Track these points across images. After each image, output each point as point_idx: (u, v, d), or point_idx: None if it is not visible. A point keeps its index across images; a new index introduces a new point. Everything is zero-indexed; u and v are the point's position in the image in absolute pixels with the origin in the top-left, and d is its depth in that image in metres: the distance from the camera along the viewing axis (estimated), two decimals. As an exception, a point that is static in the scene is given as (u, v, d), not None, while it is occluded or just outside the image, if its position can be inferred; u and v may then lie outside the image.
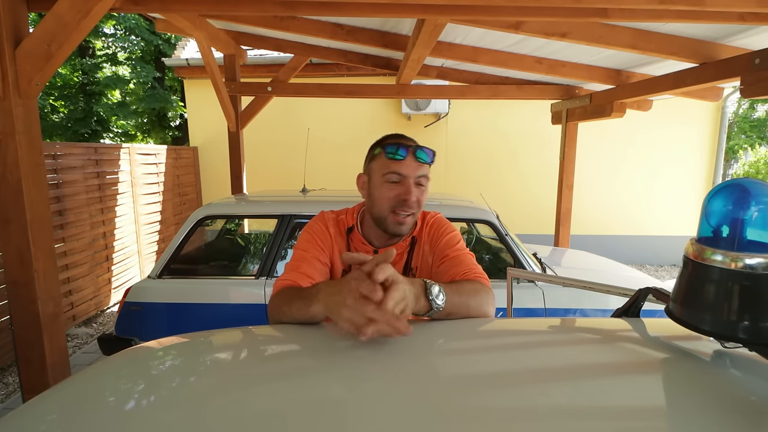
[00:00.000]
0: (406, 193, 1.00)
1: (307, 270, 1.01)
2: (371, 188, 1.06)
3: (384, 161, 1.02)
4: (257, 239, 3.76)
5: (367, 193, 1.08)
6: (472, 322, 0.81)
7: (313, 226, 1.12)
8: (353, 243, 1.10)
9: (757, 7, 1.82)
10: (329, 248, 1.09)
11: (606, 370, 0.58)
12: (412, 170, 1.01)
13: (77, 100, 9.42)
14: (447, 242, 1.07)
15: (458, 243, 1.08)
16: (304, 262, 1.03)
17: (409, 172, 1.01)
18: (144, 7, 2.38)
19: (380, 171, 1.03)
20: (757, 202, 0.52)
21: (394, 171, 1.01)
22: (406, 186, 1.01)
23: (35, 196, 1.97)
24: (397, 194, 1.01)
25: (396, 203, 1.01)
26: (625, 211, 6.26)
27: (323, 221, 1.12)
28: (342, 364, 0.61)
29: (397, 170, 1.00)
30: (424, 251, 1.10)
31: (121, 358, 0.65)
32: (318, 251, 1.06)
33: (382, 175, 1.02)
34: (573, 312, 2.53)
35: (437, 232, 1.10)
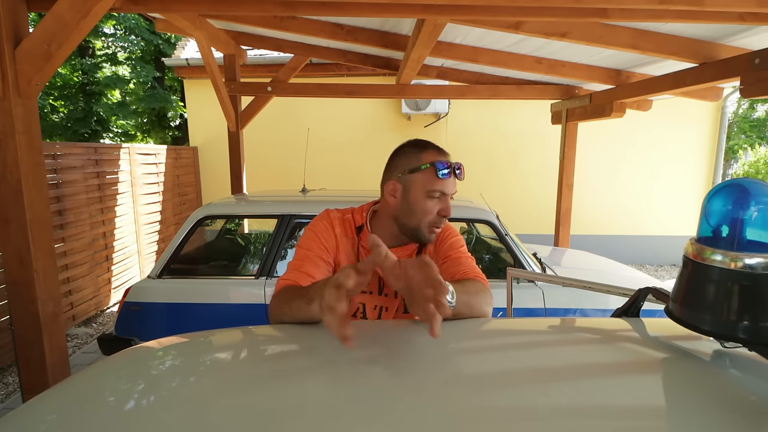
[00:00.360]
0: (445, 210, 1.05)
1: (309, 269, 1.00)
2: (410, 199, 1.06)
3: (433, 178, 1.04)
4: (257, 239, 3.76)
5: (400, 201, 1.07)
6: (472, 322, 0.81)
7: (317, 224, 1.11)
8: (363, 241, 1.10)
9: (756, 7, 1.82)
10: (333, 248, 1.08)
11: (606, 370, 0.58)
12: (452, 187, 1.06)
13: (77, 100, 9.42)
14: (451, 245, 1.11)
15: (461, 246, 1.12)
16: (307, 261, 1.02)
17: (450, 189, 1.06)
18: (144, 7, 2.38)
19: (425, 186, 1.04)
20: (757, 202, 0.52)
21: (440, 189, 1.04)
22: (446, 203, 1.06)
23: (35, 196, 1.96)
24: (440, 210, 1.05)
25: (436, 218, 1.06)
26: (625, 211, 6.26)
27: (328, 220, 1.11)
28: (342, 364, 0.61)
29: (443, 189, 1.04)
30: (429, 252, 1.13)
31: (121, 358, 0.65)
32: (321, 250, 1.05)
33: (427, 190, 1.04)
34: (573, 312, 2.54)
35: (442, 234, 1.13)
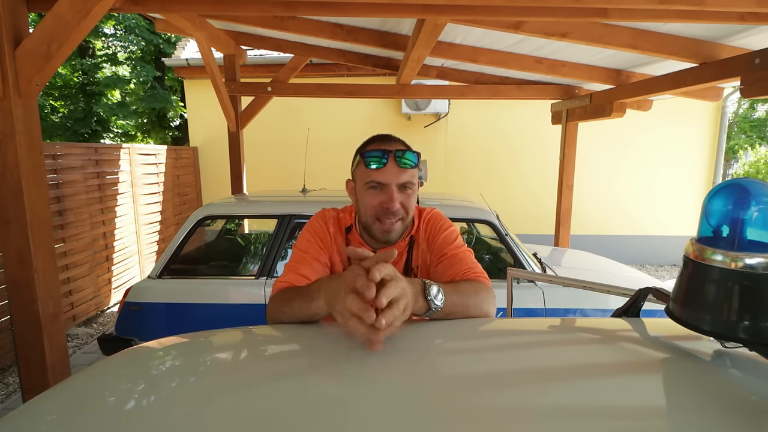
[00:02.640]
0: (388, 201, 0.96)
1: (305, 272, 0.98)
2: (357, 195, 1.03)
3: (364, 169, 0.97)
4: (257, 239, 3.76)
5: (354, 199, 1.05)
6: (472, 322, 0.81)
7: (313, 224, 1.09)
8: (352, 243, 1.07)
9: (756, 6, 1.82)
10: (329, 247, 1.06)
11: (606, 370, 0.58)
12: (394, 177, 0.96)
13: (77, 100, 9.42)
14: (444, 239, 1.04)
15: (456, 240, 1.05)
16: (303, 264, 1.00)
17: (390, 179, 0.96)
18: (144, 7, 2.38)
19: (362, 179, 0.99)
20: (757, 202, 0.52)
21: (374, 179, 0.96)
22: (388, 193, 0.96)
23: (35, 196, 1.97)
24: (380, 202, 0.97)
25: (379, 211, 0.97)
26: (625, 211, 6.26)
27: (323, 219, 1.10)
28: (342, 363, 0.61)
29: (378, 179, 0.96)
30: (423, 249, 1.07)
31: (121, 358, 0.65)
32: (317, 251, 1.03)
33: (364, 183, 0.99)
34: (573, 312, 2.54)
35: (434, 228, 1.07)
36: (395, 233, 1.00)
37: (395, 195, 0.96)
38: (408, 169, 0.97)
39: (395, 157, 0.95)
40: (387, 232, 0.99)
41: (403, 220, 1.00)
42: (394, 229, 0.99)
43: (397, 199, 0.97)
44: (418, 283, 0.77)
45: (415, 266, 1.07)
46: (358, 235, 1.07)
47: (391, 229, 0.99)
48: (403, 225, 1.01)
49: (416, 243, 1.07)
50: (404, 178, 0.97)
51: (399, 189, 0.97)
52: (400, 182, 0.97)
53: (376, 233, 1.00)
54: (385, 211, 0.97)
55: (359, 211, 1.04)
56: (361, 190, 1.00)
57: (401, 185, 0.97)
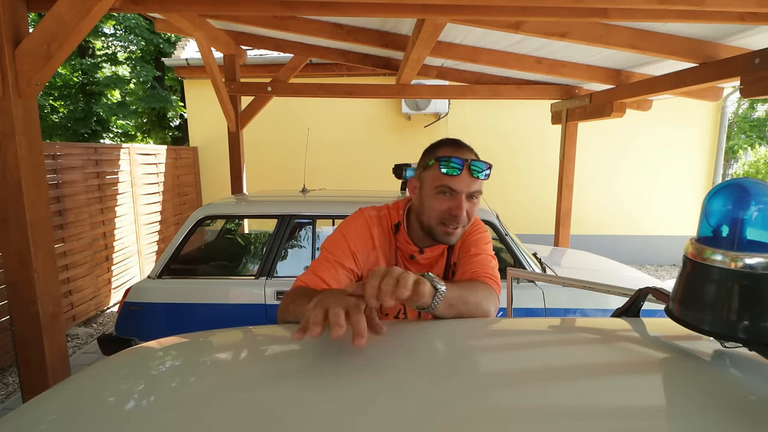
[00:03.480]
0: (456, 209, 0.98)
1: (324, 275, 0.98)
2: (422, 196, 1.04)
3: (437, 173, 0.98)
4: (257, 239, 3.76)
5: (418, 199, 1.06)
6: (472, 322, 0.81)
7: (349, 225, 1.08)
8: (399, 242, 1.09)
9: (756, 6, 1.82)
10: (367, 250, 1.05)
11: (606, 370, 0.58)
12: (466, 185, 0.98)
13: (77, 100, 9.42)
14: (474, 241, 1.08)
15: (485, 244, 1.09)
16: (324, 266, 1.00)
17: (462, 187, 0.98)
18: (143, 7, 2.38)
19: (432, 182, 1.00)
20: (757, 202, 0.52)
21: (447, 185, 0.98)
22: (457, 201, 0.98)
23: (35, 196, 1.96)
24: (448, 208, 0.99)
25: (446, 216, 0.99)
26: (625, 211, 6.26)
27: (363, 220, 1.08)
28: (342, 364, 0.61)
29: (450, 185, 0.98)
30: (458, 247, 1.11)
31: (121, 358, 0.65)
32: (344, 255, 1.02)
33: (433, 187, 1.00)
34: (573, 312, 2.54)
35: (471, 229, 1.10)
36: (455, 237, 1.03)
37: (464, 203, 0.99)
38: (479, 180, 1.00)
39: (470, 166, 0.97)
40: (449, 235, 1.02)
41: (464, 227, 1.03)
42: (455, 234, 1.02)
43: (465, 207, 0.99)
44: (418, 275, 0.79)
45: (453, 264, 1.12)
46: (405, 233, 1.09)
47: (453, 233, 1.01)
48: (462, 231, 1.04)
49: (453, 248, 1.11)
50: (474, 188, 0.99)
51: (467, 197, 0.99)
52: (470, 191, 0.99)
53: (437, 235, 1.02)
54: (451, 218, 0.99)
55: (422, 212, 1.04)
56: (429, 193, 1.02)
57: (470, 194, 1.00)
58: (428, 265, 1.10)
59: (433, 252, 1.08)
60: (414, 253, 1.07)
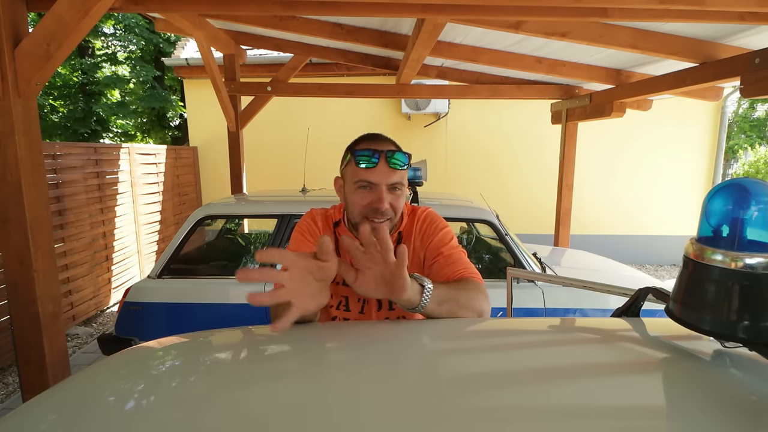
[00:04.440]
0: (377, 201, 0.96)
1: None
2: (345, 193, 1.04)
3: (355, 168, 0.97)
4: (257, 239, 3.76)
5: (343, 197, 1.06)
6: (471, 322, 0.81)
7: (301, 223, 1.12)
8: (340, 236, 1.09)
9: (756, 6, 1.82)
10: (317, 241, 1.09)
11: (606, 370, 0.58)
12: (384, 177, 0.96)
13: (77, 100, 9.42)
14: (440, 239, 1.05)
15: (451, 240, 1.06)
16: None
17: (380, 179, 0.96)
18: (143, 7, 2.38)
19: (352, 177, 0.99)
20: (757, 202, 0.52)
21: (364, 179, 0.97)
22: (378, 193, 0.97)
23: (35, 196, 1.96)
24: (370, 201, 0.97)
25: (368, 210, 0.98)
26: (625, 210, 6.26)
27: (311, 217, 1.13)
28: (342, 364, 0.61)
29: (368, 178, 0.96)
30: (415, 246, 1.08)
31: (121, 358, 0.65)
32: (307, 246, 1.06)
33: (354, 182, 0.99)
34: (573, 312, 2.54)
35: (429, 227, 1.08)
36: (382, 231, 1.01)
37: (384, 195, 0.97)
38: (398, 170, 0.97)
39: (386, 157, 0.95)
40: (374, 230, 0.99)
41: (391, 220, 1.01)
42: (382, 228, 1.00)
43: (387, 199, 0.97)
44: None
45: None
46: (346, 229, 1.09)
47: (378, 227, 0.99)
48: (391, 225, 1.02)
49: (406, 240, 1.09)
50: (394, 179, 0.97)
51: (388, 189, 0.98)
52: (390, 182, 0.97)
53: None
54: (374, 211, 0.98)
55: (347, 209, 1.05)
56: (350, 189, 1.01)
57: (391, 186, 0.98)
58: None
59: None
60: None
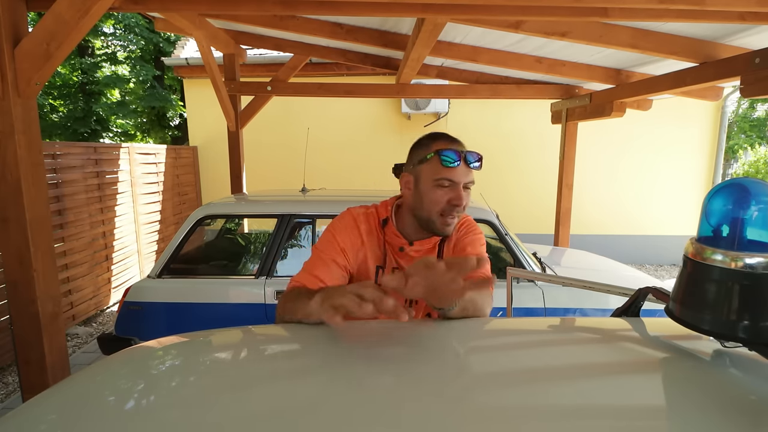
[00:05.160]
0: (457, 199, 1.03)
1: (320, 273, 1.02)
2: (421, 190, 1.06)
3: (437, 167, 1.03)
4: (257, 239, 3.76)
5: (413, 193, 1.09)
6: (471, 322, 0.81)
7: (337, 224, 1.12)
8: (387, 236, 1.12)
9: (756, 6, 1.82)
10: (356, 246, 1.09)
11: (606, 370, 0.58)
12: (463, 176, 1.03)
13: (76, 100, 9.41)
14: (471, 241, 1.12)
15: (480, 246, 1.13)
16: (318, 265, 1.04)
17: (460, 178, 1.03)
18: (143, 7, 2.38)
19: (432, 175, 1.04)
20: (757, 202, 0.52)
21: (447, 177, 1.03)
22: (457, 191, 1.03)
23: (34, 196, 1.96)
24: (449, 199, 1.03)
25: (447, 207, 1.04)
26: (625, 210, 6.26)
27: (351, 217, 1.13)
28: (343, 363, 0.61)
29: (450, 177, 1.02)
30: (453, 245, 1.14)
31: (121, 357, 0.65)
32: (336, 253, 1.06)
33: (434, 180, 1.04)
34: (573, 311, 2.54)
35: (466, 230, 1.15)
36: (452, 227, 1.08)
37: (462, 193, 1.04)
38: (473, 170, 1.06)
39: (465, 158, 1.03)
40: (448, 226, 1.06)
41: (459, 217, 1.08)
42: (453, 224, 1.07)
43: (464, 197, 1.04)
44: None
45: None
46: (394, 227, 1.12)
47: (452, 223, 1.07)
48: (458, 221, 1.09)
49: (448, 239, 1.13)
50: (470, 178, 1.05)
51: (464, 188, 1.05)
52: (466, 181, 1.04)
53: (437, 226, 1.06)
54: (452, 208, 1.04)
55: (420, 205, 1.07)
56: (428, 186, 1.05)
57: (465, 185, 1.05)
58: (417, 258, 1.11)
59: (423, 245, 1.11)
60: (404, 246, 1.10)
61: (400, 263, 1.11)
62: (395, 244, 1.11)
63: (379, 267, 1.09)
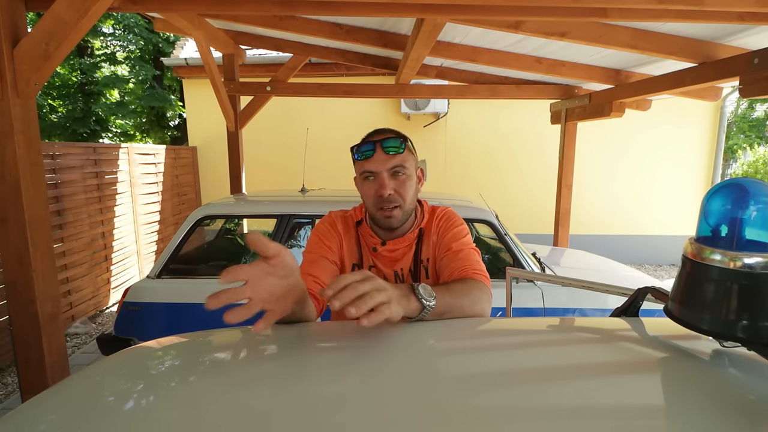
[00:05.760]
0: (381, 188, 1.01)
1: (312, 271, 1.02)
2: (359, 189, 1.09)
3: (357, 162, 1.05)
4: (256, 239, 3.75)
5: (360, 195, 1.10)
6: (470, 322, 0.81)
7: (319, 227, 1.14)
8: (363, 236, 1.12)
9: (755, 6, 1.82)
10: (337, 245, 1.11)
11: (605, 370, 0.58)
12: (382, 164, 1.01)
13: (76, 100, 9.41)
14: (453, 235, 1.08)
15: (464, 237, 1.08)
16: (311, 265, 1.05)
17: (378, 167, 1.01)
18: (143, 7, 2.38)
19: (358, 172, 1.07)
20: (756, 202, 0.52)
21: (366, 170, 1.03)
22: (379, 181, 1.02)
23: (34, 196, 1.96)
24: (375, 190, 1.02)
25: (377, 200, 1.03)
26: (624, 210, 6.27)
27: (330, 220, 1.15)
28: (342, 363, 0.61)
29: (368, 168, 1.02)
30: (433, 242, 1.10)
31: (120, 358, 0.65)
32: (324, 250, 1.08)
33: (360, 176, 1.06)
34: (572, 311, 2.54)
35: (446, 224, 1.11)
36: (395, 219, 1.04)
37: (386, 182, 1.01)
38: (396, 155, 1.02)
39: (381, 145, 1.00)
40: (388, 218, 1.04)
41: (401, 207, 1.04)
42: (394, 215, 1.04)
43: (389, 185, 1.01)
44: (406, 286, 0.77)
45: (424, 258, 1.10)
46: (368, 227, 1.12)
47: (391, 214, 1.03)
48: (402, 212, 1.05)
49: (426, 236, 1.11)
50: (392, 164, 1.02)
51: (390, 176, 1.02)
52: (389, 168, 1.01)
53: (380, 221, 1.05)
54: (380, 199, 1.02)
55: (365, 205, 1.10)
56: (359, 183, 1.07)
57: (392, 171, 1.02)
58: (392, 258, 1.10)
59: (397, 245, 1.09)
60: (376, 245, 1.10)
61: (377, 262, 1.11)
62: (369, 243, 1.11)
63: (355, 265, 1.11)
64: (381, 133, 1.05)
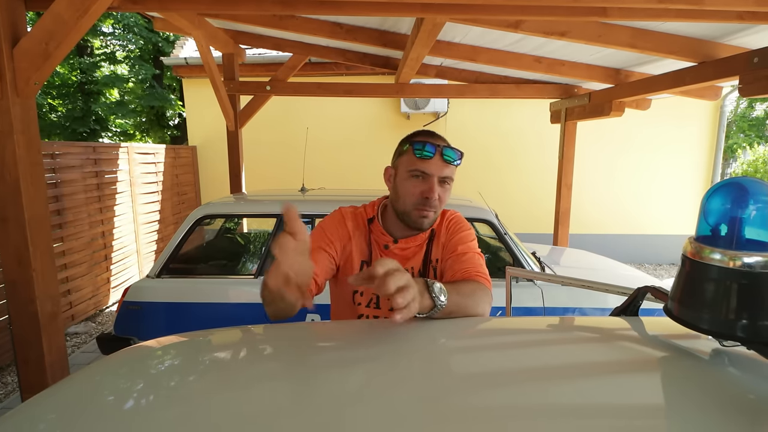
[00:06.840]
0: (429, 191, 1.02)
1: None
2: (397, 182, 1.09)
3: (411, 158, 1.03)
4: (256, 238, 3.75)
5: (393, 185, 1.10)
6: (471, 321, 0.81)
7: (327, 220, 1.14)
8: (373, 234, 1.13)
9: (755, 6, 1.82)
10: (344, 240, 1.11)
11: (605, 369, 0.58)
12: (438, 169, 1.03)
13: (75, 99, 9.40)
14: (460, 238, 1.10)
15: (471, 241, 1.11)
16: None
17: (434, 170, 1.02)
18: (142, 6, 2.38)
19: (406, 167, 1.05)
20: (756, 201, 0.52)
21: (420, 169, 1.03)
22: (429, 184, 1.03)
23: (33, 196, 1.96)
24: (421, 191, 1.03)
25: (419, 200, 1.04)
26: (624, 210, 6.27)
27: (339, 215, 1.15)
28: (341, 363, 0.61)
29: (422, 168, 1.02)
30: (442, 244, 1.13)
31: (120, 357, 0.65)
32: (325, 243, 1.07)
33: (407, 171, 1.05)
34: (572, 311, 2.54)
35: (455, 227, 1.13)
36: (428, 221, 1.07)
37: (435, 186, 1.03)
38: (450, 165, 1.04)
39: (442, 151, 1.02)
40: (422, 218, 1.05)
41: (435, 212, 1.07)
42: (429, 218, 1.06)
43: (437, 190, 1.03)
44: (421, 281, 0.79)
45: (434, 259, 1.13)
46: (380, 226, 1.13)
47: (427, 216, 1.05)
48: (435, 216, 1.08)
49: (436, 237, 1.13)
50: (446, 173, 1.04)
51: (439, 182, 1.04)
52: (441, 175, 1.04)
53: (412, 219, 1.06)
54: (423, 201, 1.03)
55: (397, 198, 1.09)
56: (403, 178, 1.06)
57: (442, 179, 1.04)
58: (403, 256, 1.11)
59: (408, 243, 1.11)
60: (388, 243, 1.11)
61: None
62: (380, 241, 1.12)
63: (364, 262, 1.10)
64: (438, 138, 1.06)
